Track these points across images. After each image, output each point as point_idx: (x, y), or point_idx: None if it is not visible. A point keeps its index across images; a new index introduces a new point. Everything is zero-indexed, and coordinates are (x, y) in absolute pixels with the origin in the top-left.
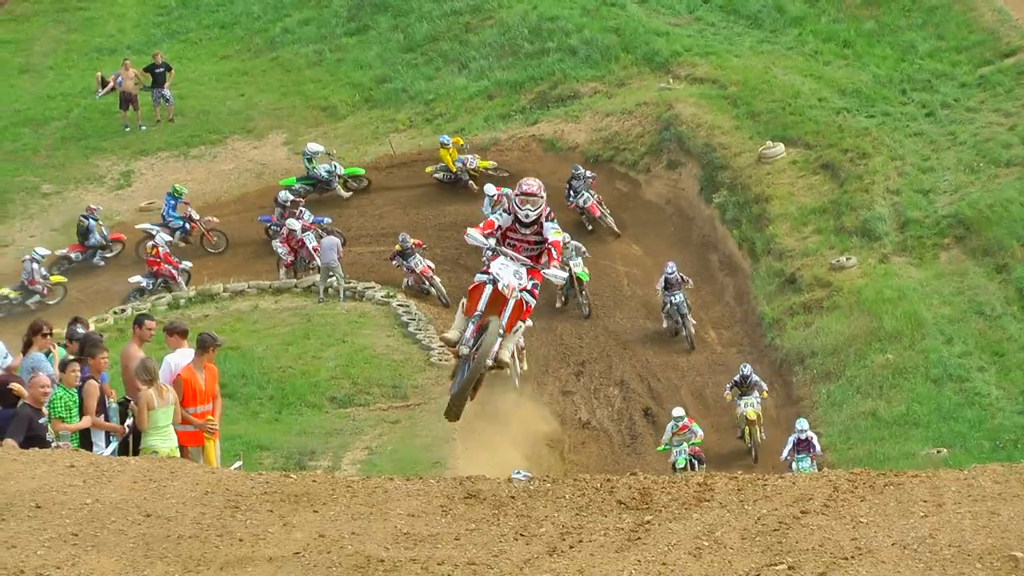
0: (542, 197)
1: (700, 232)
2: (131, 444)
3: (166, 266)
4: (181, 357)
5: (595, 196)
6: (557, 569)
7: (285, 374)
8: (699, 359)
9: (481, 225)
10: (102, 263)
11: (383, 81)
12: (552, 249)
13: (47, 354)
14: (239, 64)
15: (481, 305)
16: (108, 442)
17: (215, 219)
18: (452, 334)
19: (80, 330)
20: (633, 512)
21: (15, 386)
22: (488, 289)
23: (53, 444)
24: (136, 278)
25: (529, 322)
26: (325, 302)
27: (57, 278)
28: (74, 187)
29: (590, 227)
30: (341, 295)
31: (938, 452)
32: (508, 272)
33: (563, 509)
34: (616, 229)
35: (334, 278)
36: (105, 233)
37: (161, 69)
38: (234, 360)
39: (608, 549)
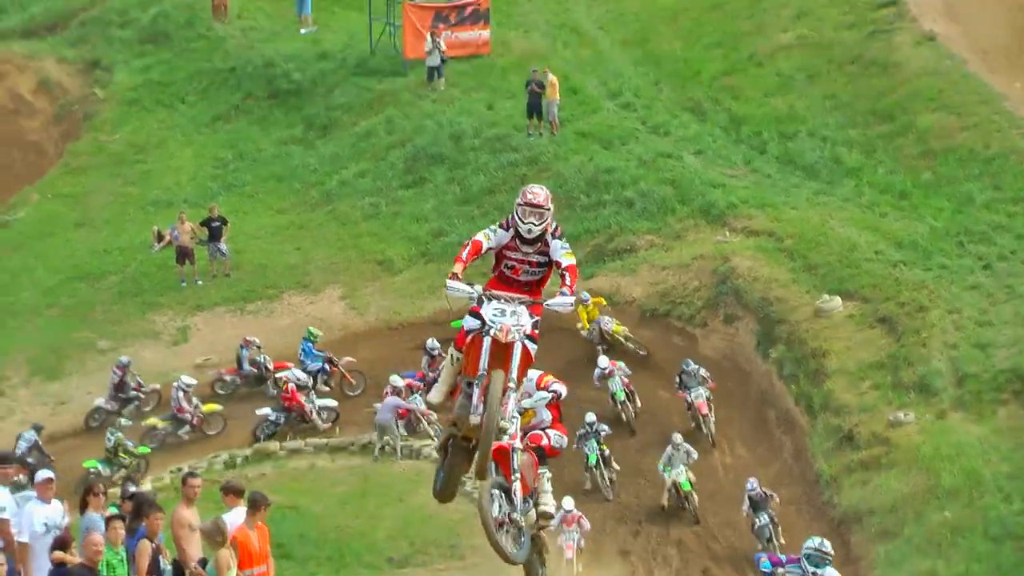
0: (549, 209)
1: (757, 388)
2: None
3: (298, 403)
4: (235, 516)
5: (708, 394)
6: None
7: (342, 534)
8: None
9: (467, 247)
10: (272, 391)
11: (440, 234)
12: (567, 274)
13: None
14: (295, 217)
15: (483, 363)
16: None
17: (353, 360)
18: (435, 395)
19: (132, 488)
20: None
21: (57, 554)
22: (488, 341)
23: None
24: (264, 410)
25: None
26: (380, 460)
27: (211, 407)
28: (131, 343)
29: (693, 423)
30: (398, 454)
31: None
32: (503, 315)
33: None
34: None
35: (389, 437)
36: (260, 360)
37: (217, 223)
38: (292, 520)
39: None
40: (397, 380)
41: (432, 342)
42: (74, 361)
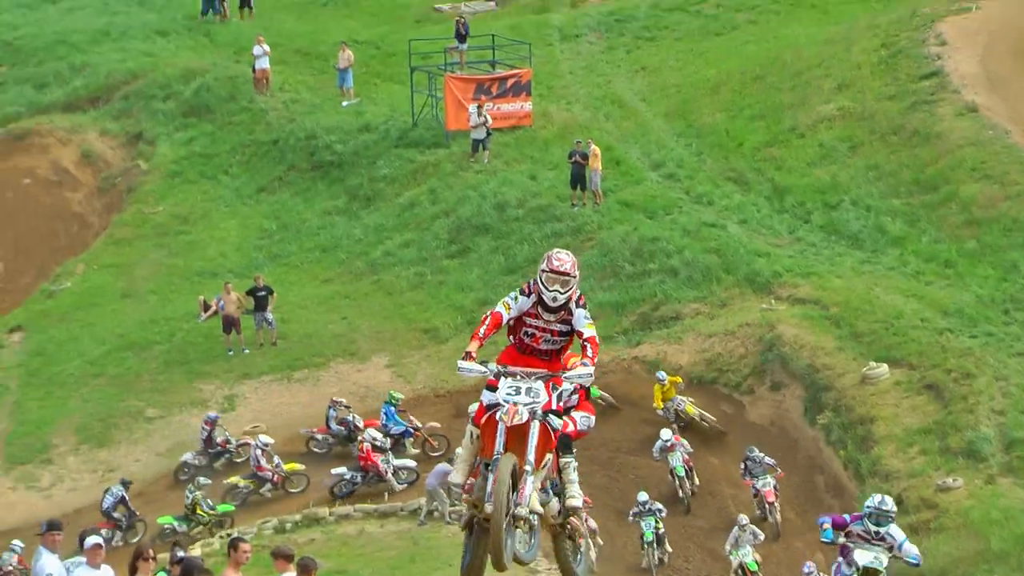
0: (575, 277)
1: (805, 454)
2: None
3: (374, 463)
4: None
5: (775, 483)
6: None
7: None
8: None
9: (486, 321)
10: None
11: (485, 303)
12: (588, 346)
13: None
14: (341, 287)
15: (499, 445)
16: None
17: (437, 425)
18: (456, 476)
19: (180, 553)
20: None
21: None
22: (502, 425)
23: None
24: (340, 469)
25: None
26: (427, 525)
27: (292, 466)
28: (178, 411)
29: (759, 511)
30: (446, 518)
31: None
32: (518, 393)
33: None
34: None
35: (437, 502)
36: (349, 420)
37: (263, 292)
38: None
39: None
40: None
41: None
42: (122, 429)
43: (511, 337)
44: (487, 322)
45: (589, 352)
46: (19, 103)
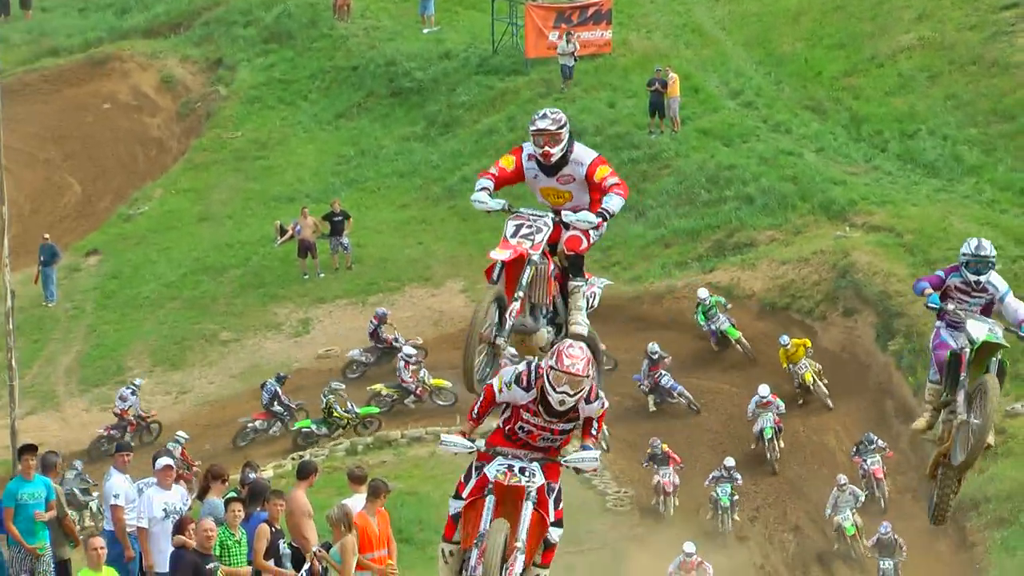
0: (588, 377)
1: (876, 379)
2: None
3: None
4: (356, 503)
5: (883, 463)
6: None
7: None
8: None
9: (478, 401)
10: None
11: None
12: (593, 421)
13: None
14: (417, 212)
15: (484, 524)
16: None
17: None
18: None
19: (252, 475)
20: None
21: (179, 538)
22: (490, 501)
23: None
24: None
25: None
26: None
27: (439, 382)
28: (252, 335)
29: (866, 491)
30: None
31: None
32: (510, 470)
33: None
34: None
35: None
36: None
37: (339, 217)
38: (411, 506)
39: None
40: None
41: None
42: (196, 352)
43: (502, 424)
44: (479, 402)
45: (593, 430)
46: (100, 28)
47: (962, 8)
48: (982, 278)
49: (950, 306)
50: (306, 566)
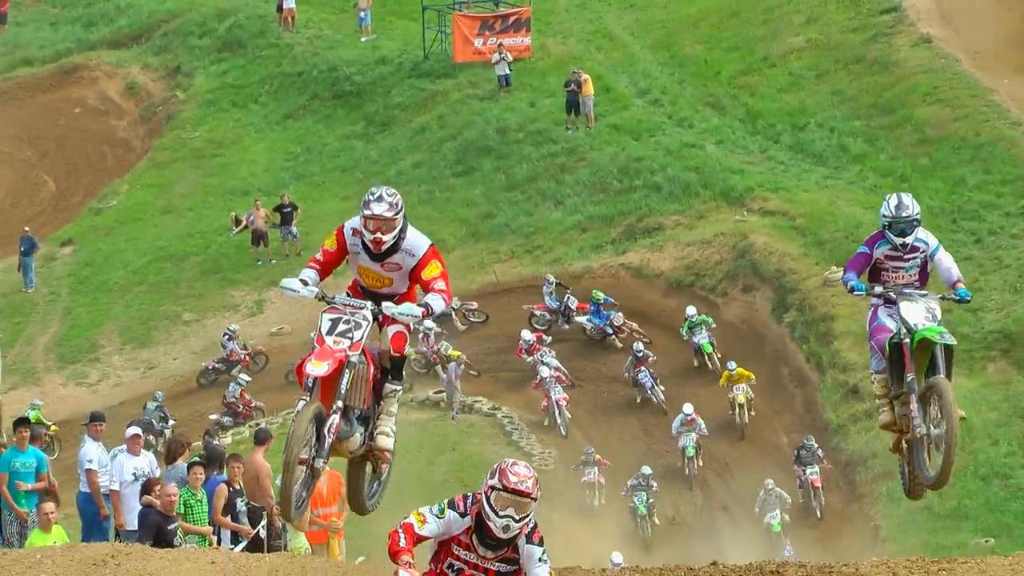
0: (535, 501)
1: (772, 348)
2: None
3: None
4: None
5: (819, 472)
6: None
7: (402, 479)
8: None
9: (402, 535)
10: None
11: (487, 217)
12: None
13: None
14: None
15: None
16: (236, 542)
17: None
18: None
19: (212, 442)
20: None
21: (146, 498)
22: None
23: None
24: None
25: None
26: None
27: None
28: (212, 315)
29: (802, 500)
30: (455, 409)
31: (986, 542)
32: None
33: None
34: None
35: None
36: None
37: (288, 208)
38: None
39: None
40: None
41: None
42: (161, 331)
43: (432, 563)
44: (403, 535)
45: None
46: (69, 40)
47: (845, 12)
48: (908, 239)
49: (877, 289)
50: (263, 521)
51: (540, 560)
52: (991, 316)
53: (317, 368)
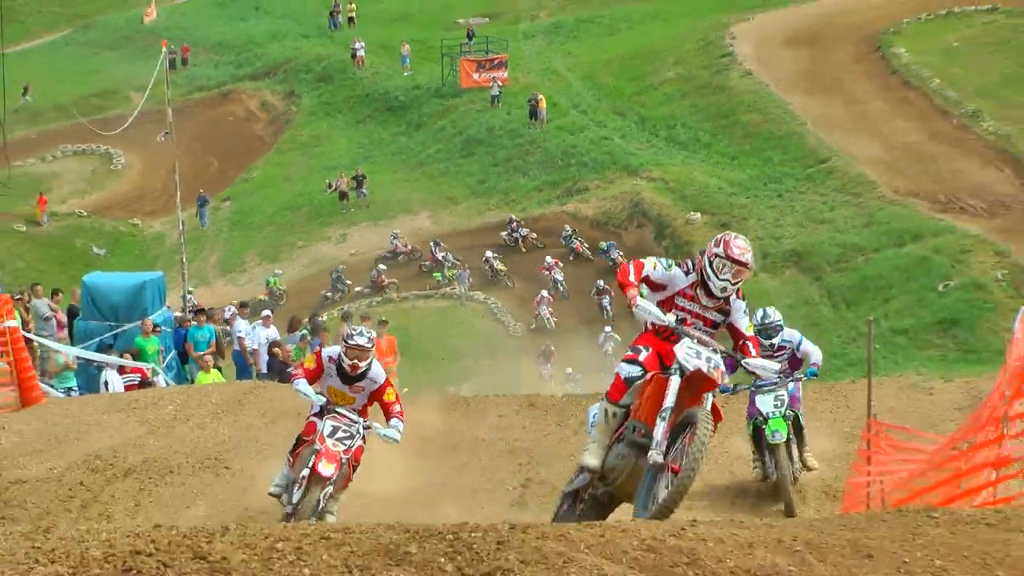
0: (751, 270)
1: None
2: None
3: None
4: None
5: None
6: None
7: (429, 344)
8: None
9: (632, 267)
10: None
11: (481, 182)
12: (751, 345)
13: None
14: (405, 175)
15: (669, 400)
16: None
17: None
18: (593, 459)
19: (318, 319)
20: None
21: (274, 350)
22: (676, 383)
23: None
24: None
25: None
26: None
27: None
28: (314, 243)
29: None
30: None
31: None
32: (697, 357)
33: None
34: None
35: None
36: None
37: (360, 177)
38: (398, 333)
39: None
40: None
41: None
42: (283, 253)
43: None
44: (633, 268)
45: (752, 351)
46: (225, 75)
47: (699, 56)
48: (776, 340)
49: (741, 389)
50: None
51: (744, 313)
52: (787, 241)
53: (327, 469)
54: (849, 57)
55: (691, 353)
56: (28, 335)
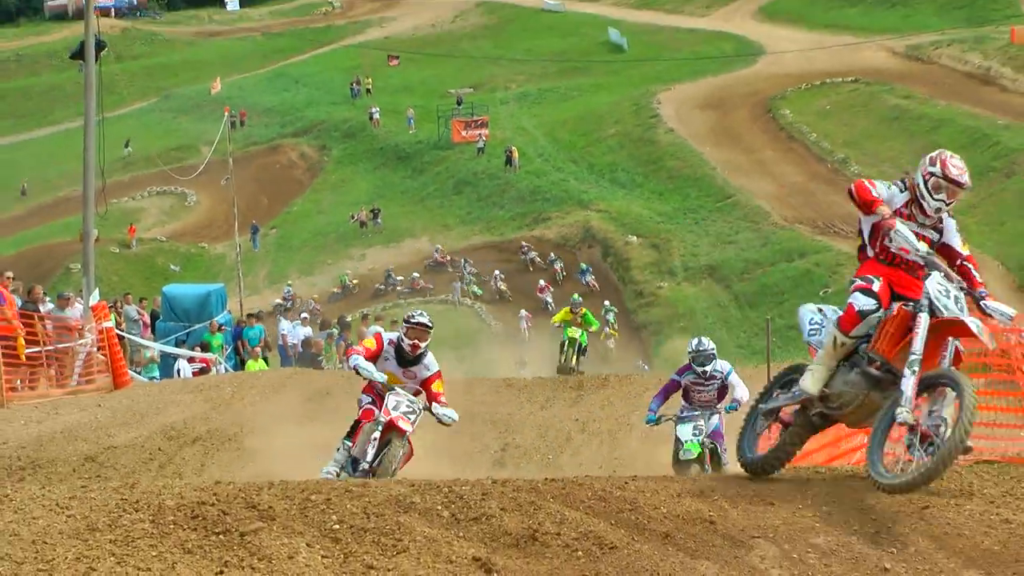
0: (966, 191)
1: (601, 273)
2: None
3: None
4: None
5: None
6: None
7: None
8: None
9: (866, 186)
10: None
11: (468, 214)
12: (971, 268)
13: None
14: (411, 208)
15: (916, 346)
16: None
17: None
18: (812, 384)
19: (346, 319)
20: None
21: (309, 340)
22: (924, 319)
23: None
24: None
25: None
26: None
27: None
28: (340, 261)
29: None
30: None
31: None
32: (947, 296)
33: None
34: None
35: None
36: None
37: (376, 210)
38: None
39: None
40: None
41: None
42: (317, 268)
43: (872, 247)
44: (867, 187)
45: (976, 276)
46: (273, 133)
47: (633, 118)
48: (708, 368)
49: (663, 420)
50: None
51: (956, 231)
52: (703, 258)
53: (406, 424)
54: (747, 117)
55: (942, 291)
56: (120, 333)
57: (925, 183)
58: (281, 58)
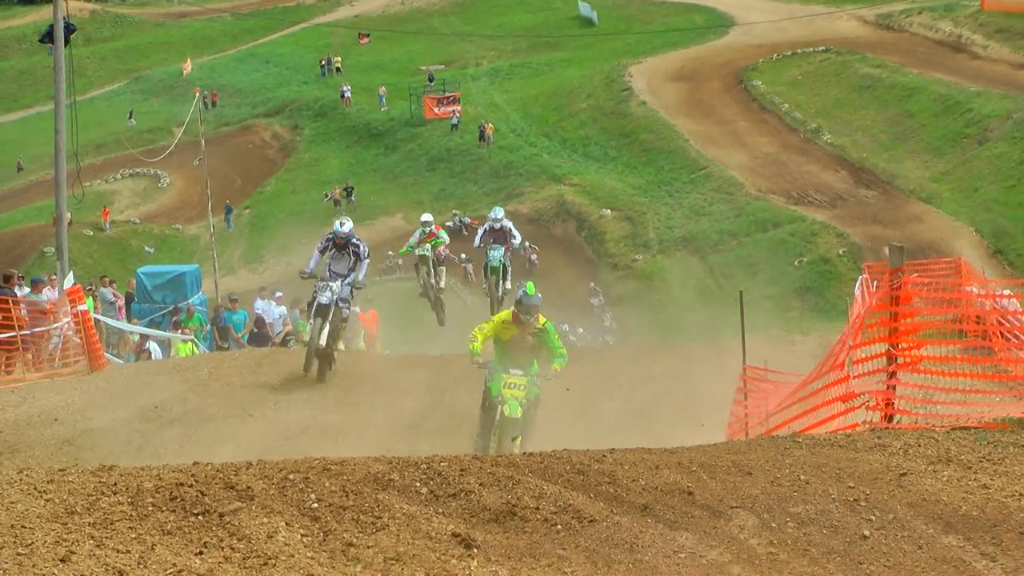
0: None
1: (575, 245)
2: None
3: None
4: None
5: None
6: None
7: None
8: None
9: None
10: None
11: (442, 190)
12: None
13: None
14: (379, 186)
15: None
16: None
17: None
18: None
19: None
20: None
21: (287, 326)
22: None
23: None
24: None
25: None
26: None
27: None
28: (312, 241)
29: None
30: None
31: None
32: None
33: None
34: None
35: None
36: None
37: (350, 188)
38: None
39: None
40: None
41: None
42: (290, 248)
43: None
44: None
45: None
46: (244, 114)
47: (606, 91)
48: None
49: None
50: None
51: None
52: (677, 230)
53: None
54: (719, 88)
55: None
56: (96, 316)
57: None
58: (251, 39)
